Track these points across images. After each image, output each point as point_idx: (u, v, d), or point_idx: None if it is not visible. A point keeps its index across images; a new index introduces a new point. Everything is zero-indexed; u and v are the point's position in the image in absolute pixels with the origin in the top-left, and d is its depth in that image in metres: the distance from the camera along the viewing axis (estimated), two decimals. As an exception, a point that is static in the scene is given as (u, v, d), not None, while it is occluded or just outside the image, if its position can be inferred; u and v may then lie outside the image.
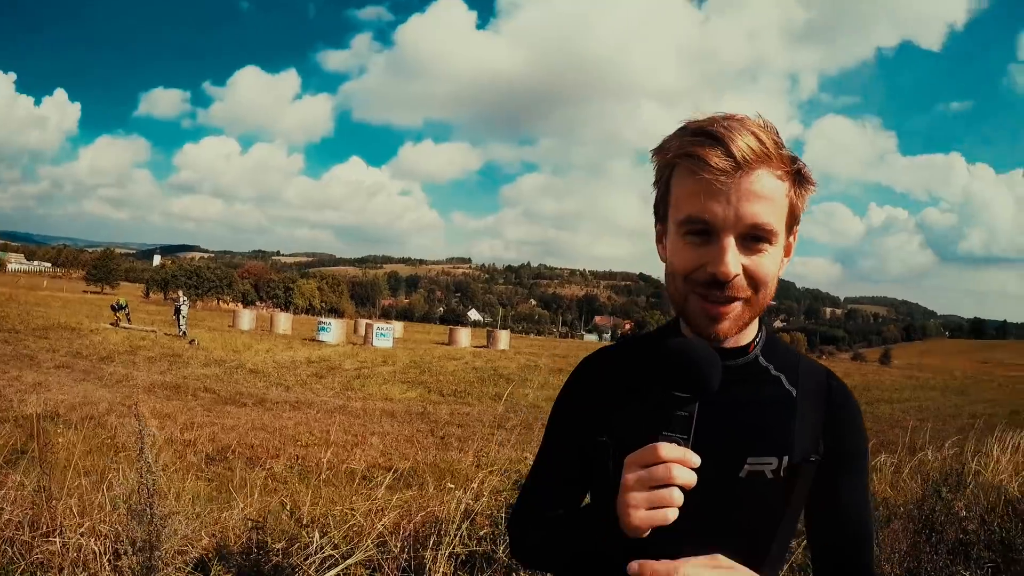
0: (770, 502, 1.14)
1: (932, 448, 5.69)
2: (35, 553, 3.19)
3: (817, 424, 1.17)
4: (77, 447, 5.24)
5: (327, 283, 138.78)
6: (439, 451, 10.16)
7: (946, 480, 4.69)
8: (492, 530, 3.67)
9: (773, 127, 1.08)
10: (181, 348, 23.23)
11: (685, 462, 0.95)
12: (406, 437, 11.82)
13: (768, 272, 1.07)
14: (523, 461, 4.60)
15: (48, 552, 3.18)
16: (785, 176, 1.07)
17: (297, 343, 31.46)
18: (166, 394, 13.71)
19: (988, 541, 4.41)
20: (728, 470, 1.11)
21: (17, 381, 12.69)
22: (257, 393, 15.46)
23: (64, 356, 18.14)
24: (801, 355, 1.26)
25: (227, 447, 9.38)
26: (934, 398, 27.23)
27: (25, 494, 3.68)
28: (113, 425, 9.20)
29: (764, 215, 1.03)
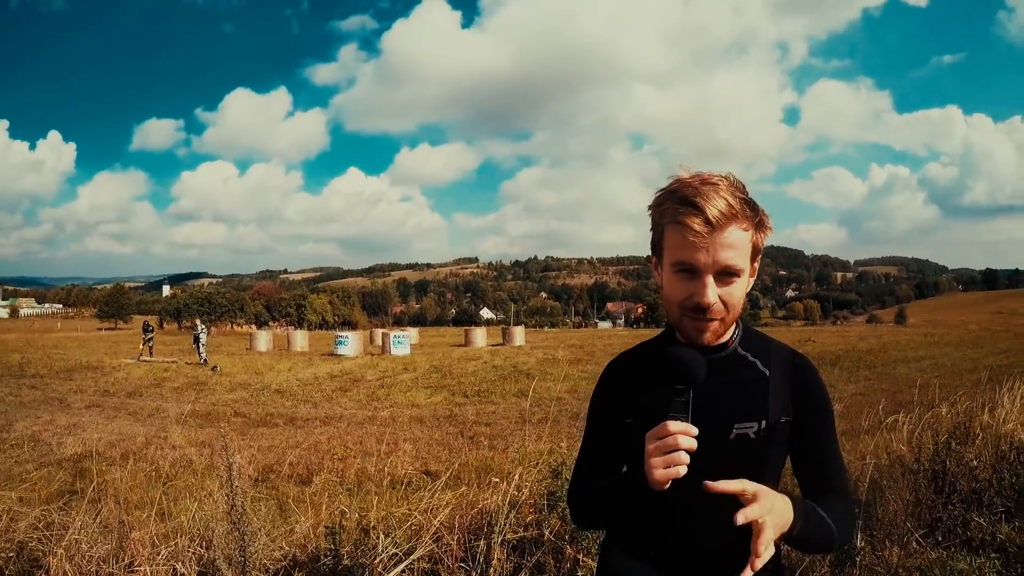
0: (755, 455, 1.54)
1: (945, 404, 5.88)
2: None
3: (787, 394, 1.58)
4: (124, 482, 5.48)
5: (338, 296, 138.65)
6: (472, 451, 10.35)
7: (955, 433, 4.90)
8: (537, 516, 4.03)
9: (741, 185, 1.50)
10: (205, 376, 23.44)
11: (687, 432, 1.37)
12: (438, 440, 12.07)
13: (737, 297, 1.50)
14: (556, 452, 4.85)
15: None
16: (749, 226, 1.48)
17: (317, 359, 31.69)
18: (198, 422, 13.93)
19: (999, 488, 4.66)
20: (721, 434, 1.52)
21: (51, 425, 12.99)
22: (286, 412, 15.69)
23: (92, 395, 18.40)
24: (772, 341, 1.67)
25: (268, 467, 9.64)
26: (949, 353, 27.21)
27: (93, 531, 3.87)
28: (154, 457, 9.50)
29: (733, 259, 1.45)
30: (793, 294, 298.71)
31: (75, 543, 3.74)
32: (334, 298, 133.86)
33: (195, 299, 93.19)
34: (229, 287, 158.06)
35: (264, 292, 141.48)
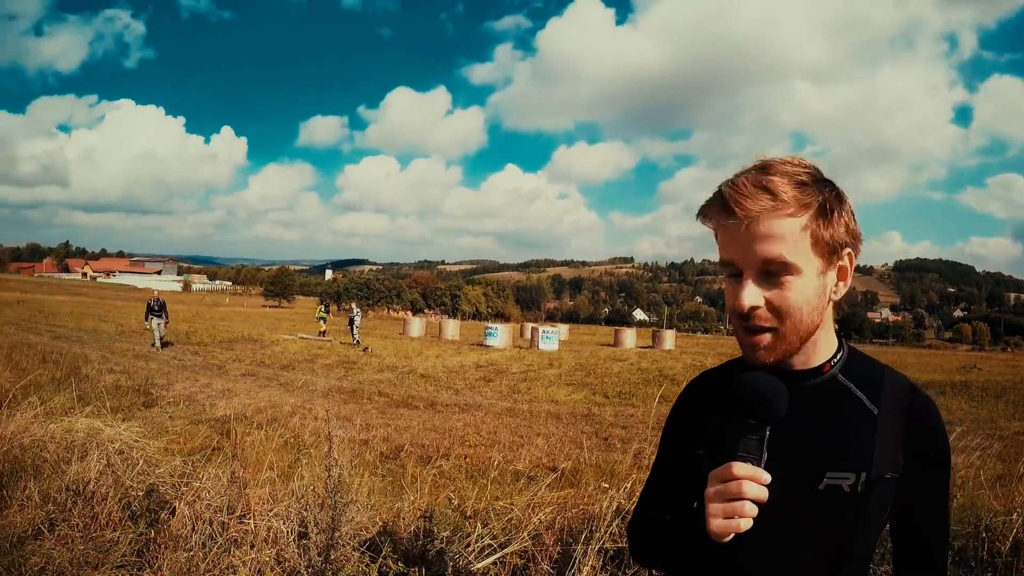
0: (848, 515, 1.23)
1: None
2: (230, 532, 3.64)
3: (897, 442, 1.25)
4: (264, 445, 5.76)
5: (492, 289, 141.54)
6: (602, 452, 10.18)
7: None
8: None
9: (799, 166, 1.23)
10: (356, 356, 24.53)
11: (756, 479, 1.14)
12: (570, 438, 11.92)
13: (792, 301, 1.20)
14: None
15: (242, 531, 3.63)
16: (800, 211, 1.19)
17: (466, 348, 32.34)
18: (343, 398, 14.52)
19: None
20: (807, 483, 1.23)
21: (208, 388, 13.94)
22: (428, 396, 16.04)
23: (248, 365, 19.63)
24: (887, 370, 1.33)
25: (400, 447, 9.84)
26: None
27: (221, 484, 4.16)
28: (295, 426, 9.92)
29: (773, 251, 1.18)
30: (961, 314, 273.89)
31: (199, 491, 4.04)
32: (488, 290, 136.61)
33: (355, 284, 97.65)
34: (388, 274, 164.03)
35: (421, 281, 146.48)
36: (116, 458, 4.56)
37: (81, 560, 3.51)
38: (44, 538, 3.77)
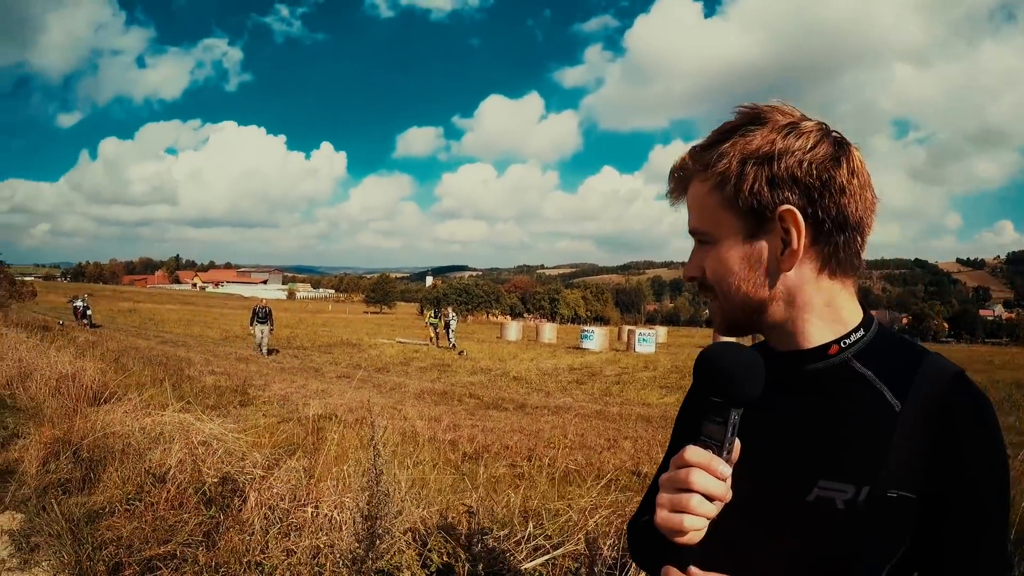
0: (841, 538, 0.95)
1: None
2: (291, 518, 3.84)
3: (922, 450, 0.94)
4: (347, 442, 5.94)
5: (591, 292, 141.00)
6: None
7: None
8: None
9: (712, 135, 1.08)
10: (451, 359, 24.86)
11: (708, 468, 0.92)
12: (659, 442, 11.71)
13: (714, 270, 1.07)
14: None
15: (301, 518, 3.81)
16: (700, 175, 1.06)
17: (561, 351, 32.24)
18: (434, 399, 14.74)
19: None
20: (793, 490, 0.99)
21: (303, 389, 14.43)
22: (518, 399, 16.09)
23: (345, 368, 20.14)
24: (929, 356, 1.02)
25: (485, 447, 9.92)
26: None
27: (293, 474, 4.39)
28: (383, 426, 10.12)
29: (692, 221, 1.09)
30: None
31: (272, 481, 4.29)
32: (587, 294, 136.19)
33: (454, 290, 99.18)
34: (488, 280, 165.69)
35: (520, 286, 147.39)
36: (199, 448, 4.81)
37: (149, 536, 3.77)
38: (119, 515, 4.07)
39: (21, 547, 4.06)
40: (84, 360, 8.82)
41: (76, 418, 5.57)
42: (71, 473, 4.81)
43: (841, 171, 0.99)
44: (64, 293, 59.04)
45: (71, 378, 7.44)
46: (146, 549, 3.66)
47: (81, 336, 20.48)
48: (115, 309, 50.10)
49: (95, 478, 4.69)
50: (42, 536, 4.01)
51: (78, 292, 42.07)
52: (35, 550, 3.96)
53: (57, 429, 5.28)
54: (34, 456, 5.04)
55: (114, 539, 3.78)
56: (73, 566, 3.52)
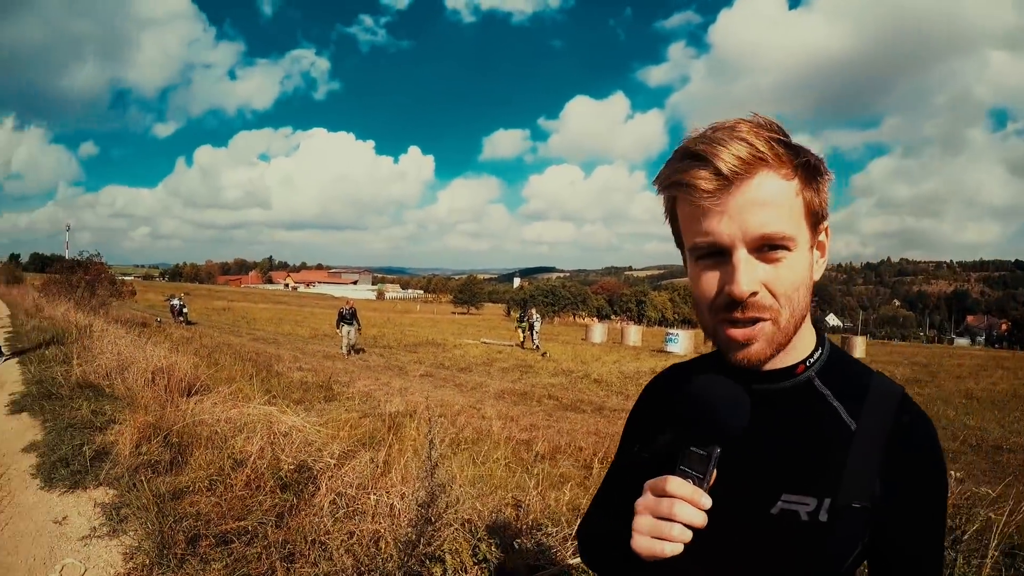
0: (803, 549, 1.01)
1: None
2: (355, 503, 4.12)
3: (874, 465, 1.01)
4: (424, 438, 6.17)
5: (679, 294, 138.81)
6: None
7: None
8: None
9: (772, 123, 1.01)
10: (533, 360, 24.93)
11: (692, 501, 0.94)
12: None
13: (792, 282, 0.99)
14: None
15: (365, 504, 4.07)
16: (791, 174, 0.98)
17: (645, 354, 31.90)
18: (514, 400, 14.89)
19: None
20: (758, 504, 1.03)
21: (387, 386, 14.81)
22: (597, 401, 16.07)
23: (428, 367, 20.49)
24: (876, 377, 1.10)
25: (559, 448, 10.02)
26: None
27: (365, 465, 4.68)
28: (461, 423, 10.39)
29: (773, 223, 0.96)
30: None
31: (345, 470, 4.60)
32: (675, 296, 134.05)
33: (540, 291, 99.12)
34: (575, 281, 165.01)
35: (607, 287, 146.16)
36: (280, 438, 5.12)
37: (227, 512, 4.10)
38: (200, 494, 4.41)
39: (111, 517, 4.51)
40: (178, 355, 9.36)
41: (168, 407, 5.99)
42: (160, 456, 5.24)
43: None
44: (162, 292, 61.93)
45: (165, 371, 7.93)
46: (223, 524, 4.00)
47: (177, 333, 21.57)
48: (210, 307, 52.30)
49: (182, 461, 5.10)
50: (131, 509, 4.42)
51: (175, 291, 44.12)
52: (123, 520, 4.39)
53: (150, 416, 5.71)
54: (128, 439, 5.48)
55: (194, 514, 4.14)
56: (156, 535, 3.88)
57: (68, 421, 6.79)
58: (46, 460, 5.68)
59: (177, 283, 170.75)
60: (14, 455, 5.98)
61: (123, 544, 4.13)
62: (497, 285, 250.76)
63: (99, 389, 8.09)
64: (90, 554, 4.05)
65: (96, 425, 6.54)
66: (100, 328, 13.58)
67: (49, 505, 4.82)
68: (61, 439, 6.19)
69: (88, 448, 5.70)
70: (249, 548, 3.80)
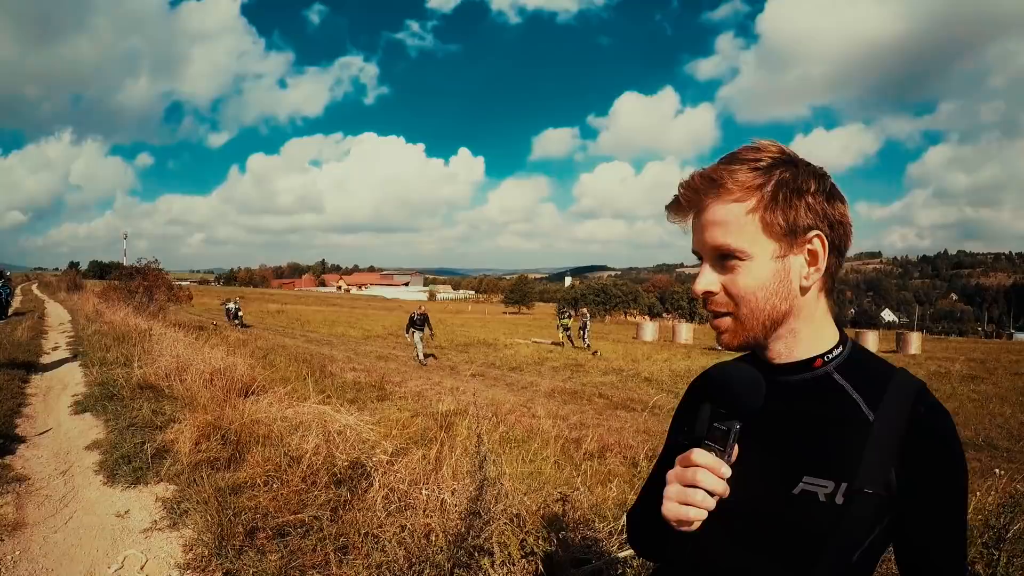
0: (821, 527, 1.10)
1: None
2: (407, 498, 4.22)
3: (891, 456, 1.10)
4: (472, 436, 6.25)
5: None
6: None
7: None
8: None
9: (755, 155, 1.18)
10: (584, 359, 24.92)
11: (713, 469, 1.09)
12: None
13: (744, 286, 1.16)
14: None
15: (416, 499, 4.17)
16: (746, 196, 1.15)
17: (696, 352, 31.55)
18: (564, 399, 14.95)
19: None
20: (782, 484, 1.14)
21: (438, 386, 15.00)
22: (647, 399, 15.91)
23: (480, 367, 20.70)
24: (896, 373, 1.19)
25: (608, 446, 10.04)
26: None
27: (417, 461, 4.77)
28: (512, 422, 10.49)
29: (720, 237, 1.16)
30: None
31: (397, 467, 4.72)
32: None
33: (591, 290, 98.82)
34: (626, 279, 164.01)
35: (659, 285, 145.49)
36: (334, 436, 5.25)
37: (283, 506, 4.25)
38: (259, 489, 4.57)
39: (172, 511, 4.70)
40: (235, 357, 9.61)
41: (226, 407, 6.18)
42: (219, 453, 5.43)
43: (847, 209, 1.21)
44: (217, 296, 63.29)
45: (222, 372, 8.16)
46: (279, 517, 4.14)
47: (232, 335, 22.02)
48: (264, 311, 53.28)
49: (240, 458, 5.27)
50: (190, 503, 4.59)
51: (230, 295, 45.09)
52: (184, 514, 4.57)
53: (209, 415, 5.90)
54: (188, 437, 5.68)
55: (252, 507, 4.30)
56: (215, 527, 4.04)
57: (129, 420, 7.05)
58: (109, 457, 5.91)
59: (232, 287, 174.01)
60: (78, 452, 6.24)
61: (183, 536, 4.30)
62: (548, 284, 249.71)
63: (159, 390, 8.35)
64: (151, 546, 4.23)
65: (156, 424, 6.77)
66: (159, 332, 13.93)
67: (112, 500, 5.03)
68: (123, 437, 6.43)
69: (149, 446, 5.91)
70: (304, 540, 3.94)
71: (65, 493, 5.16)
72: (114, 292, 27.42)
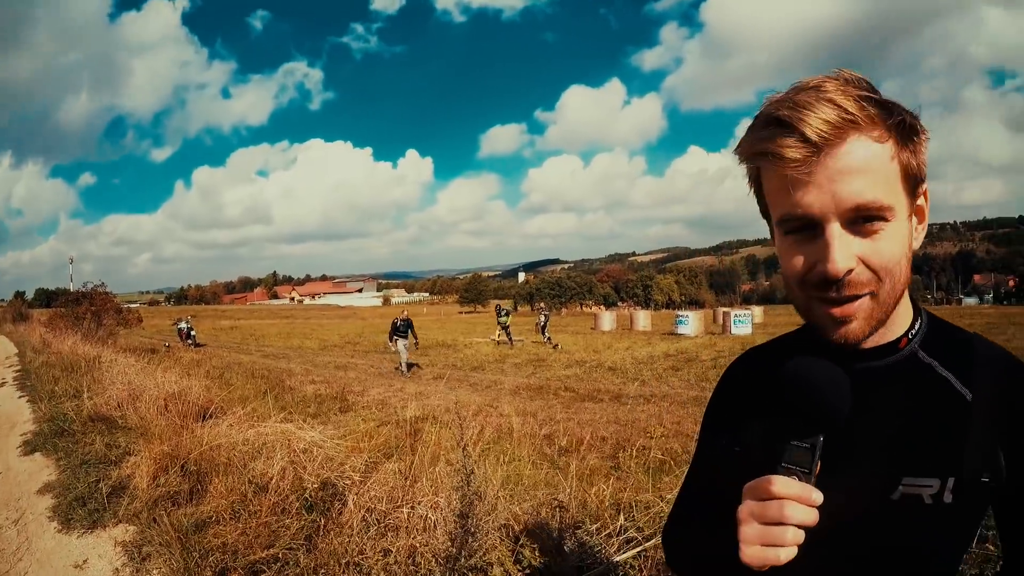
0: (929, 532, 0.93)
1: None
2: (388, 519, 3.96)
3: (996, 435, 0.94)
4: (445, 442, 6.04)
5: (684, 276, 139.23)
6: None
7: None
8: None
9: (860, 80, 0.92)
10: (546, 353, 24.88)
11: (803, 499, 0.86)
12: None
13: (891, 255, 0.91)
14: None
15: (397, 519, 3.92)
16: (884, 136, 0.89)
17: (656, 338, 31.82)
18: (529, 395, 14.84)
19: None
20: (876, 492, 0.95)
21: (401, 392, 14.66)
22: (614, 389, 15.97)
23: (441, 368, 20.37)
24: (978, 340, 1.03)
25: (581, 440, 9.90)
26: None
27: (391, 476, 4.53)
28: (481, 423, 10.27)
29: (867, 191, 0.88)
30: None
31: (370, 484, 4.45)
32: (680, 278, 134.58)
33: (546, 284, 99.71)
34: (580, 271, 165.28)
35: (612, 275, 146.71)
36: (300, 456, 4.99)
37: (253, 541, 3.97)
38: (225, 523, 4.28)
39: (133, 557, 4.37)
40: (190, 379, 9.25)
41: (183, 434, 5.85)
42: (179, 486, 5.10)
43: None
44: (168, 316, 62.04)
45: (177, 396, 7.81)
46: (250, 554, 3.86)
47: (186, 356, 21.54)
48: (217, 327, 52.45)
49: (202, 489, 4.96)
50: (153, 546, 4.29)
51: (181, 315, 44.20)
52: (146, 559, 4.25)
53: (166, 445, 5.57)
54: (144, 471, 5.34)
55: (220, 546, 4.00)
56: (182, 572, 3.74)
57: (82, 457, 6.67)
58: (62, 500, 5.54)
59: (183, 306, 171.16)
60: (30, 498, 5.84)
61: (148, 584, 4.00)
62: (502, 281, 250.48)
63: (112, 421, 7.97)
64: (114, 597, 3.92)
65: (111, 459, 6.41)
66: (109, 358, 13.46)
67: (68, 548, 4.68)
68: (76, 477, 6.06)
69: (104, 484, 5.57)
70: (281, 577, 3.68)
71: (19, 545, 4.78)
72: (61, 320, 26.62)
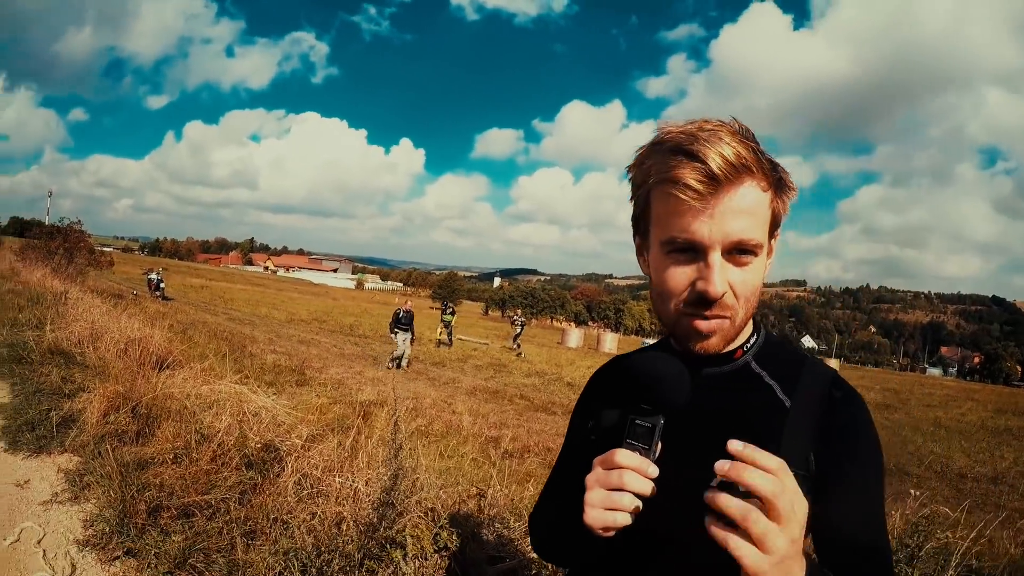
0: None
1: None
2: (320, 485, 4.13)
3: (808, 438, 1.08)
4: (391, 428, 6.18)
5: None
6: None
7: None
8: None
9: (751, 133, 1.06)
10: (508, 359, 25.06)
11: (640, 471, 0.98)
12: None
13: (752, 286, 1.07)
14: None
15: (330, 486, 4.07)
16: (767, 187, 1.04)
17: (619, 362, 31.95)
18: (485, 397, 14.95)
19: None
20: (703, 479, 0.99)
21: (359, 375, 14.74)
22: (568, 404, 16.08)
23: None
24: (808, 360, 1.19)
25: (527, 447, 10.07)
26: None
27: (332, 448, 4.64)
28: (431, 416, 10.44)
29: (748, 231, 1.02)
30: None
31: (312, 453, 4.63)
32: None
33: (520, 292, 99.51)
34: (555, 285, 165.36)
35: (587, 293, 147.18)
36: (249, 417, 5.13)
37: (190, 486, 4.12)
38: (166, 466, 4.43)
39: (74, 484, 4.49)
40: (152, 328, 9.25)
41: (139, 379, 5.94)
42: (128, 426, 5.20)
43: None
44: (140, 266, 61.11)
45: (138, 343, 7.85)
46: (186, 496, 4.00)
47: (152, 307, 21.37)
48: (188, 284, 51.87)
49: (149, 433, 5.08)
50: (94, 476, 4.40)
51: (154, 265, 43.64)
52: (86, 488, 4.37)
53: (120, 386, 5.66)
54: (96, 408, 5.43)
55: (157, 484, 4.14)
56: (117, 503, 3.88)
57: (37, 386, 6.73)
58: (12, 423, 5.62)
59: (156, 257, 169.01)
60: (-21, 416, 5.93)
61: (84, 511, 4.11)
62: (477, 284, 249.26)
63: (70, 356, 8.00)
64: (50, 519, 4.03)
65: (65, 392, 6.46)
66: (75, 296, 13.39)
67: (12, 468, 4.78)
68: (29, 404, 6.13)
69: (55, 414, 5.65)
70: (211, 523, 3.80)
71: (-38, 458, 4.90)
72: (33, 251, 26.24)
